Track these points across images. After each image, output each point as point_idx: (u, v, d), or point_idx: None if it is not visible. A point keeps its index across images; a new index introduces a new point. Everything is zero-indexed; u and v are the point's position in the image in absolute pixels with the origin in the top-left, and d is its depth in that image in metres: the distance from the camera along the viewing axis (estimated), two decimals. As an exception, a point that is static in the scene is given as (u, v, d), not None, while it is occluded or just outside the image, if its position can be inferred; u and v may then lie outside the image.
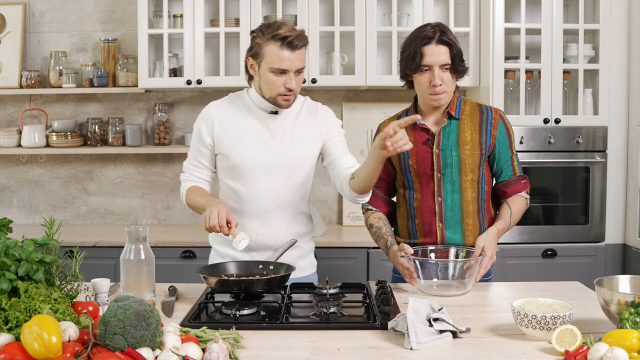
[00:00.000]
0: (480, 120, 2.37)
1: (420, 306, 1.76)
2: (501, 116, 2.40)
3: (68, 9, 4.02)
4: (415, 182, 2.40)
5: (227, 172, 2.40)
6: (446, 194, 2.36)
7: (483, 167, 2.38)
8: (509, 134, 2.40)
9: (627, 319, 1.68)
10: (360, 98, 4.03)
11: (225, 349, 1.54)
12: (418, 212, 2.40)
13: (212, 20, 3.80)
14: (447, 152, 2.35)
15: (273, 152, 2.36)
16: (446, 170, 2.35)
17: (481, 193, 2.39)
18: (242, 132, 2.36)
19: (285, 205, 2.39)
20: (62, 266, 1.76)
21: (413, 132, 2.37)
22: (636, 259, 3.59)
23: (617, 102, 3.69)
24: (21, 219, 4.09)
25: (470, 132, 2.36)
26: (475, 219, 2.38)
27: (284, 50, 2.23)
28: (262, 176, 2.36)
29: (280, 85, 2.27)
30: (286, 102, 2.31)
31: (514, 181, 2.41)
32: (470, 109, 2.39)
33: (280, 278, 2.08)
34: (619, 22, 3.66)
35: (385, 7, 3.79)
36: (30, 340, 1.39)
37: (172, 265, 3.49)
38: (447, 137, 2.36)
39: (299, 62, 2.26)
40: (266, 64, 2.26)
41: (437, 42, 2.27)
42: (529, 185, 2.44)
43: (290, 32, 2.23)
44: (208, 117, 2.40)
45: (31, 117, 4.06)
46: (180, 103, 4.05)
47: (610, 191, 3.71)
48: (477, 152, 2.35)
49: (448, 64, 2.28)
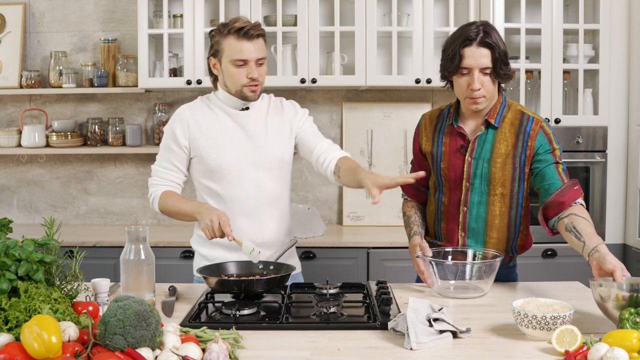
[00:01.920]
0: (518, 131, 2.24)
1: (420, 306, 1.76)
2: (542, 127, 2.23)
3: (68, 9, 4.02)
4: (444, 186, 2.34)
5: (207, 174, 2.37)
6: (472, 204, 2.29)
7: (518, 182, 2.26)
8: (551, 143, 2.23)
9: (627, 319, 1.68)
10: (360, 98, 4.03)
11: (225, 349, 1.54)
12: (444, 216, 2.36)
13: (212, 20, 3.80)
14: (479, 163, 2.26)
15: (252, 149, 2.36)
16: (475, 181, 2.27)
17: (515, 209, 2.29)
18: (218, 133, 2.35)
19: (272, 201, 2.40)
20: (62, 266, 1.76)
21: (450, 135, 2.32)
22: (636, 259, 3.59)
23: (617, 102, 3.69)
24: (21, 219, 4.09)
25: (506, 144, 2.24)
26: (502, 233, 2.30)
27: (241, 41, 2.27)
28: (246, 174, 2.35)
29: (243, 76, 2.29)
30: (252, 94, 2.33)
31: (567, 187, 2.18)
32: (512, 118, 2.26)
33: (280, 278, 2.08)
34: (619, 22, 3.66)
35: (385, 7, 3.79)
36: (30, 340, 1.39)
37: (172, 265, 3.49)
38: (481, 146, 2.26)
39: (258, 52, 2.29)
40: (227, 58, 2.29)
41: (478, 43, 2.16)
42: (582, 192, 2.21)
43: (246, 23, 2.27)
44: (183, 118, 2.37)
45: (31, 117, 4.06)
46: (180, 103, 4.04)
47: (610, 191, 3.71)
48: (510, 167, 2.24)
49: (489, 68, 2.17)
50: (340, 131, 4.02)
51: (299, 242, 2.57)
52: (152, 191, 2.40)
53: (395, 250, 3.47)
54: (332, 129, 4.02)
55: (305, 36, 3.65)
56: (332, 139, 2.47)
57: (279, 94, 2.82)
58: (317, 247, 3.54)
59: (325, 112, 4.03)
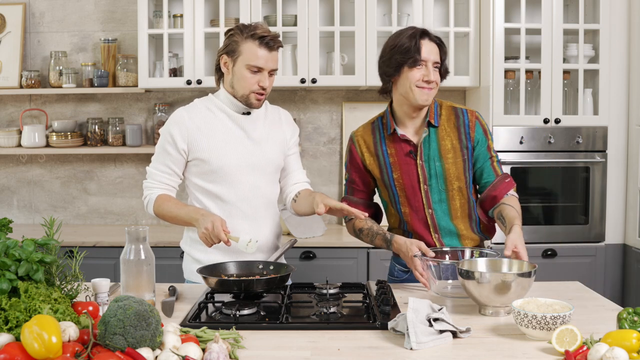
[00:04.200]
0: (457, 125, 2.32)
1: (420, 306, 1.76)
2: (477, 118, 2.34)
3: (68, 9, 4.02)
4: (401, 196, 2.35)
5: (205, 176, 2.35)
6: (435, 204, 2.33)
7: (469, 172, 2.33)
8: (487, 134, 2.34)
9: (625, 318, 1.68)
10: (360, 98, 4.03)
11: (225, 349, 1.54)
12: (410, 225, 2.37)
13: (212, 20, 3.80)
14: (431, 163, 2.31)
15: (252, 151, 2.37)
16: (432, 182, 2.31)
17: (470, 198, 2.36)
18: (219, 135, 2.35)
19: (269, 204, 2.43)
20: (62, 266, 1.76)
21: (394, 143, 2.33)
22: (636, 259, 3.60)
23: (617, 102, 3.69)
24: (21, 219, 4.09)
25: (450, 139, 2.31)
26: (465, 223, 2.36)
27: (262, 48, 2.28)
28: (246, 177, 2.36)
29: (255, 82, 2.30)
30: (257, 102, 2.35)
31: (498, 182, 2.32)
32: (446, 114, 2.34)
33: (280, 278, 2.08)
34: (619, 22, 3.66)
35: (385, 7, 3.79)
36: (30, 340, 1.39)
37: (172, 265, 3.49)
38: (428, 147, 2.31)
39: (274, 63, 2.32)
40: (242, 61, 2.29)
41: (431, 39, 2.26)
42: (514, 184, 2.35)
43: (268, 32, 2.30)
44: (181, 121, 2.34)
45: (31, 117, 4.07)
46: (180, 103, 4.05)
47: (610, 191, 3.71)
48: (460, 159, 2.31)
49: (439, 63, 2.27)
50: (340, 131, 4.02)
51: (299, 242, 2.57)
52: (146, 194, 2.38)
53: (395, 250, 3.47)
54: (332, 129, 4.02)
55: (305, 36, 3.66)
56: (332, 139, 2.47)
57: (279, 94, 2.85)
58: (317, 247, 3.54)
59: (325, 112, 4.03)
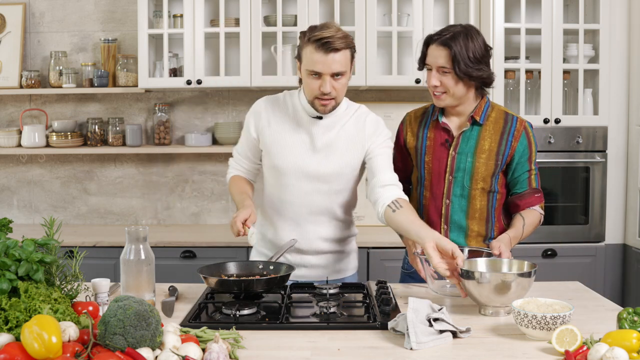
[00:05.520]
0: (502, 130, 2.33)
1: (420, 306, 1.77)
2: (526, 128, 2.33)
3: (68, 9, 4.02)
4: (426, 179, 2.39)
5: (269, 170, 2.41)
6: (454, 197, 2.35)
7: (497, 178, 2.35)
8: (531, 147, 2.34)
9: (625, 318, 1.68)
10: (360, 98, 4.03)
11: (225, 349, 1.54)
12: (426, 210, 2.40)
13: (212, 20, 3.80)
14: (463, 157, 2.33)
15: (310, 158, 2.32)
16: (458, 175, 2.34)
17: (491, 202, 2.36)
18: (284, 135, 2.33)
19: (319, 212, 2.36)
20: (62, 266, 1.76)
21: (435, 130, 2.38)
22: (636, 259, 3.60)
23: (617, 102, 3.70)
24: (21, 219, 4.09)
25: (489, 140, 2.32)
26: (481, 226, 2.37)
27: (318, 52, 2.16)
28: (297, 182, 2.33)
29: (316, 88, 2.22)
30: (322, 107, 2.26)
31: (527, 194, 2.35)
32: (495, 117, 2.34)
33: (280, 278, 2.08)
34: (619, 22, 3.66)
35: (385, 7, 3.79)
36: (30, 340, 1.39)
37: (172, 265, 3.49)
38: (466, 141, 2.33)
39: (335, 65, 2.17)
40: (304, 66, 2.23)
41: (438, 43, 2.24)
42: (543, 200, 2.37)
43: (327, 33, 2.16)
44: (257, 111, 2.39)
45: (31, 117, 4.06)
46: (180, 103, 4.05)
47: (610, 191, 3.71)
48: (492, 162, 2.32)
49: (446, 67, 2.22)
50: (340, 131, 4.02)
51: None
52: (228, 172, 2.54)
53: (395, 250, 3.46)
54: (332, 129, 4.02)
55: (305, 36, 3.65)
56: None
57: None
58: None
59: (325, 112, 4.03)
